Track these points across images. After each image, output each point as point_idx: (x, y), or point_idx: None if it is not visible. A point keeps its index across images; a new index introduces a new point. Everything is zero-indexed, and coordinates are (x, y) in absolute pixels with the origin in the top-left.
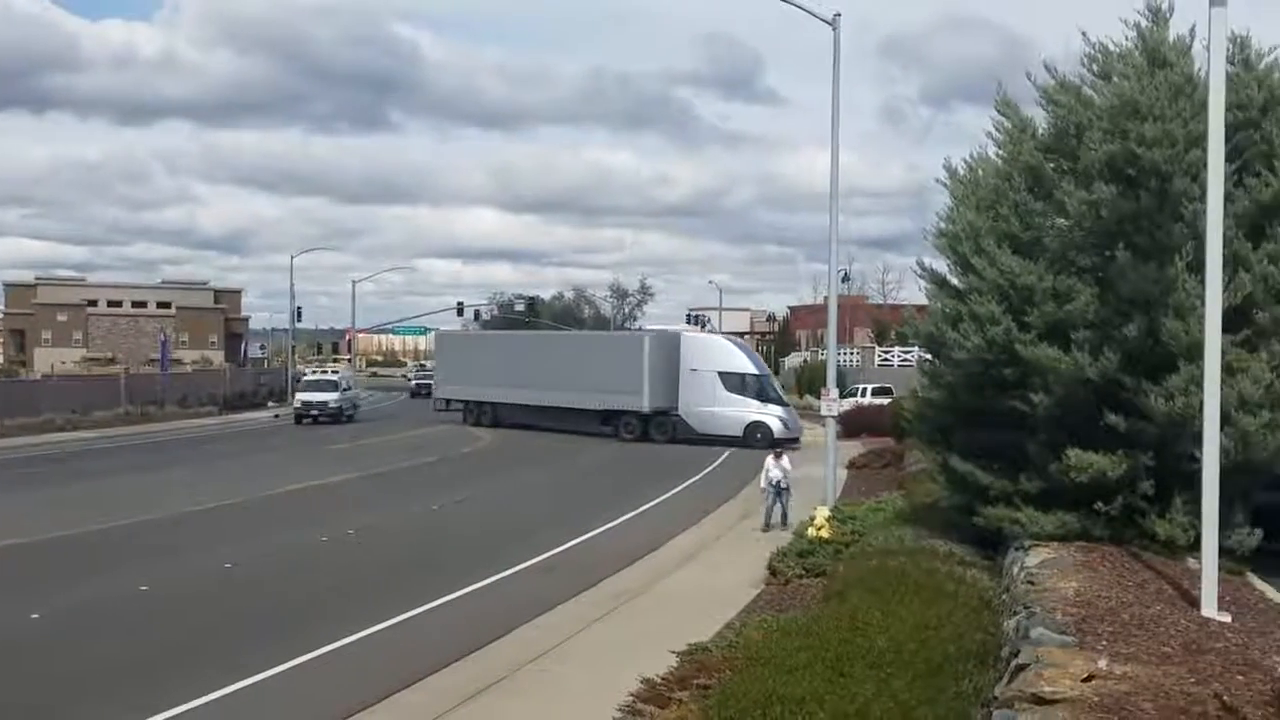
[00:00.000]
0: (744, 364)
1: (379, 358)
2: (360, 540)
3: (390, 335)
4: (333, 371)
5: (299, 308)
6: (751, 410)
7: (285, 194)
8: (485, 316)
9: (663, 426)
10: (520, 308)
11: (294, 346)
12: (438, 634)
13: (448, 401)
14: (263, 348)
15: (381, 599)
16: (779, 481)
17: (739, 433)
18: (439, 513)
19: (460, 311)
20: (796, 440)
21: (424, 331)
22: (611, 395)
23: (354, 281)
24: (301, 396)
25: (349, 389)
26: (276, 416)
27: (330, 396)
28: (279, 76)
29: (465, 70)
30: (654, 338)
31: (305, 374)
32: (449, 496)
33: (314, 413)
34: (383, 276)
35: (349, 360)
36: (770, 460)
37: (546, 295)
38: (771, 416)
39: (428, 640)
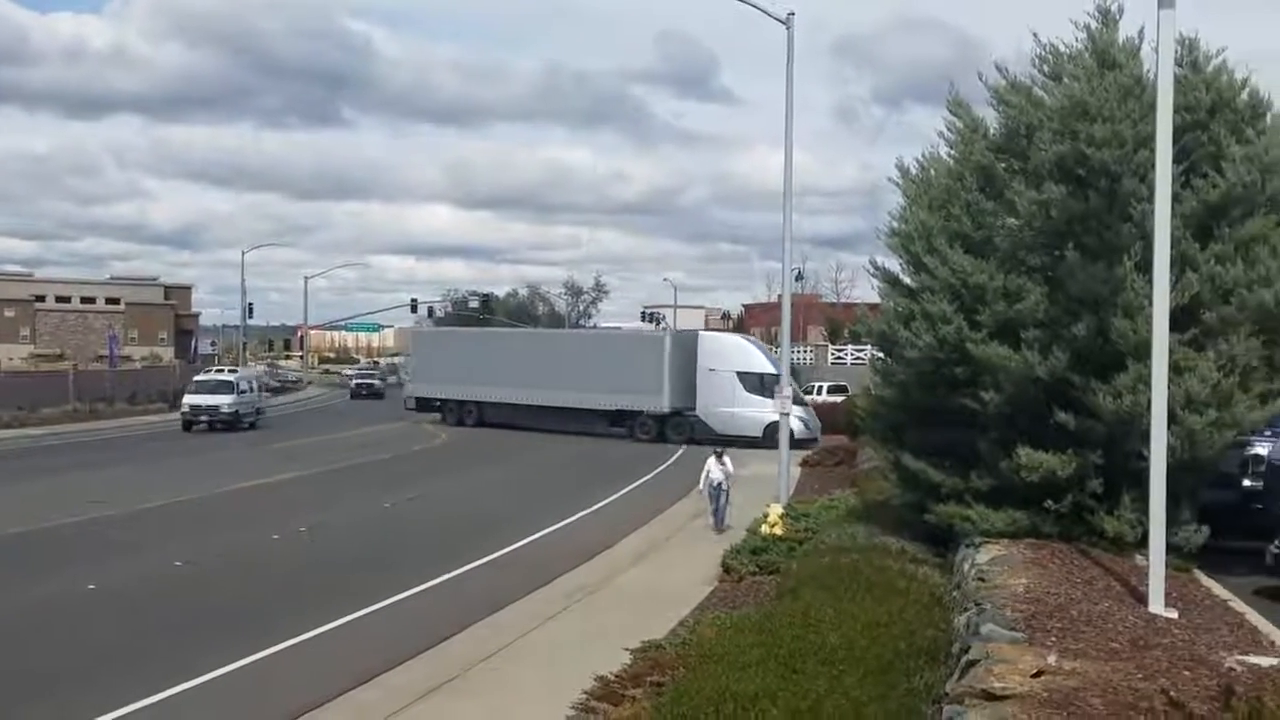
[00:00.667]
0: (762, 363)
1: (331, 354)
2: (312, 538)
3: (343, 332)
4: (230, 370)
5: (250, 304)
6: (771, 410)
7: (237, 189)
8: (439, 313)
9: (679, 427)
10: (474, 304)
11: (245, 343)
12: (391, 632)
13: (419, 401)
14: (213, 344)
15: (334, 597)
16: (721, 483)
17: (759, 433)
18: (392, 510)
19: (414, 308)
20: (816, 440)
21: (377, 328)
22: (627, 395)
23: (306, 278)
24: (189, 399)
25: (248, 391)
26: None
27: (223, 400)
28: (230, 71)
29: (419, 66)
30: (674, 337)
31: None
32: (402, 494)
33: (203, 418)
34: (336, 273)
35: (301, 357)
36: (712, 461)
37: (501, 292)
38: (791, 416)
39: (381, 638)
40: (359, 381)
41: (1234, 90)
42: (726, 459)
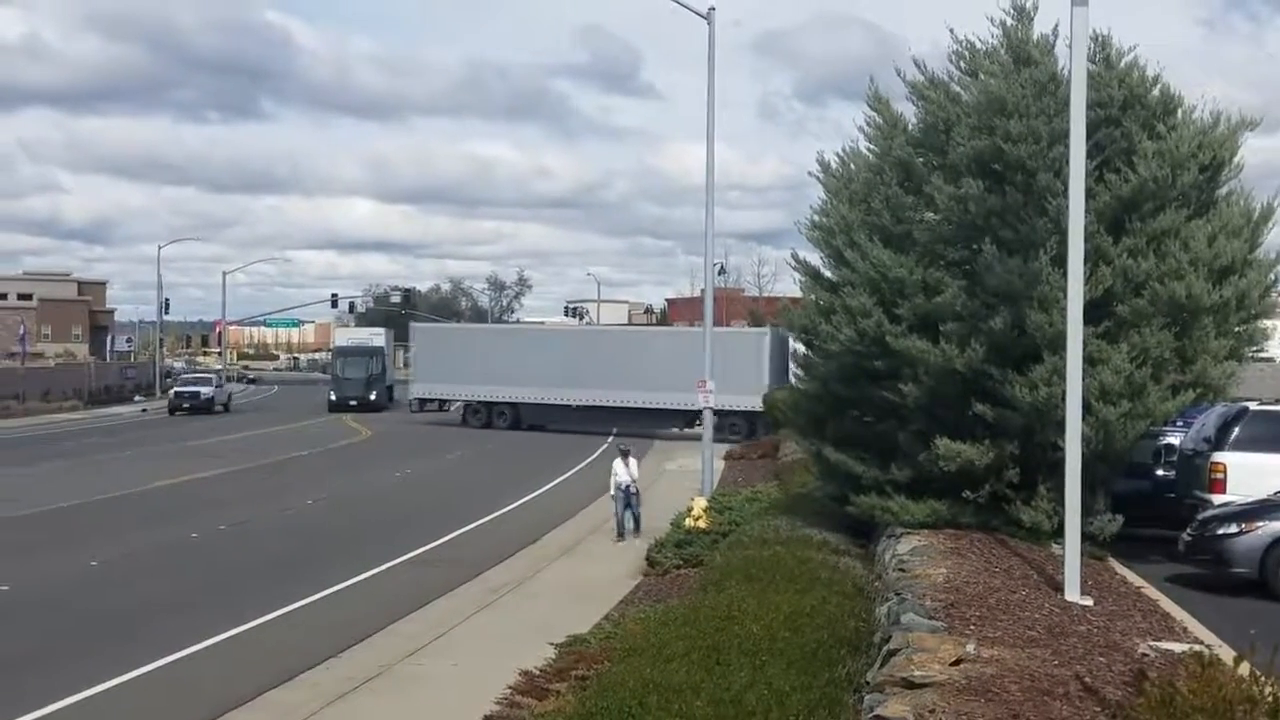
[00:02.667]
0: None
1: (251, 350)
2: (233, 536)
3: (263, 328)
4: None
5: (167, 299)
6: None
7: (153, 183)
8: (360, 308)
9: (771, 425)
10: (396, 300)
11: (162, 339)
12: (314, 630)
13: (423, 402)
14: (129, 341)
15: (255, 595)
16: (628, 486)
17: None
18: (314, 507)
19: (335, 303)
20: None
21: (297, 324)
22: (718, 395)
23: (225, 273)
24: None
25: None
26: (144, 411)
27: None
28: (146, 63)
29: (338, 59)
30: (772, 334)
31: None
32: (324, 492)
33: None
34: (255, 268)
35: (219, 353)
36: (618, 464)
37: (423, 287)
38: None
39: (304, 636)
40: (180, 390)
41: (1145, 86)
42: (633, 460)
